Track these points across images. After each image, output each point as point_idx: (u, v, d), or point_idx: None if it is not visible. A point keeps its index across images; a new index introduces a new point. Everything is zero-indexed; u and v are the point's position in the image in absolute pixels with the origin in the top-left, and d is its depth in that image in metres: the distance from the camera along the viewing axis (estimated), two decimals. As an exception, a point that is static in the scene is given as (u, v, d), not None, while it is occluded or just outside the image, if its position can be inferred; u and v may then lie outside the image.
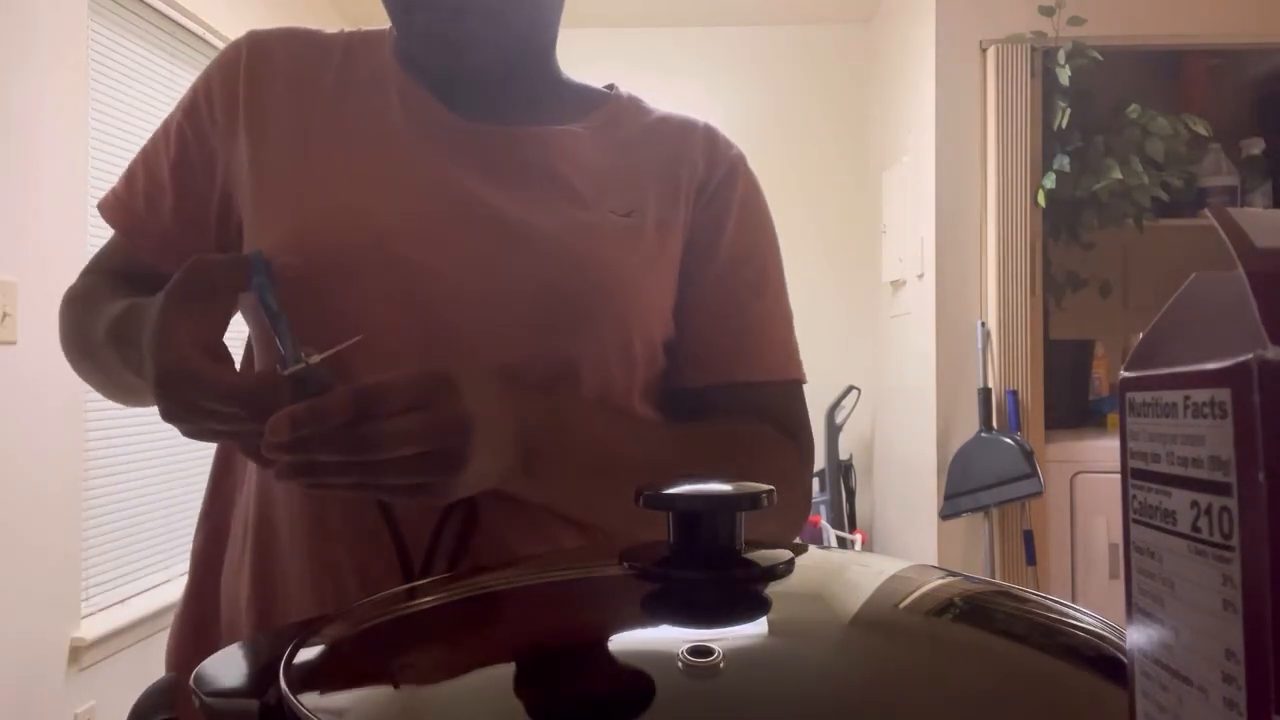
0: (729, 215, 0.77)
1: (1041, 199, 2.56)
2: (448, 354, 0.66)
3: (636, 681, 0.33)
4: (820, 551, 0.50)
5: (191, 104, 0.76)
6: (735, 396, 0.75)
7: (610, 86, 0.82)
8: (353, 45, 0.76)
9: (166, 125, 0.77)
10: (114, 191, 0.78)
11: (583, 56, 3.52)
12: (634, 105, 0.80)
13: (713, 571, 0.41)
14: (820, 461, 3.39)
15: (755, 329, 0.76)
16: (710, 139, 0.79)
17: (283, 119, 0.72)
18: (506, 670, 0.35)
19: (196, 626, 0.75)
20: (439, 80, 0.73)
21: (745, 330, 0.76)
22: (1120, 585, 0.25)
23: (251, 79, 0.73)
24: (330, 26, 0.78)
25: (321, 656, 0.37)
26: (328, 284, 0.66)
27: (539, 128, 0.74)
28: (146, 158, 0.77)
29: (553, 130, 0.74)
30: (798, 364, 0.79)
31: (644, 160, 0.76)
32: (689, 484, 0.43)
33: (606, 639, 0.38)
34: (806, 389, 0.79)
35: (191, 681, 0.36)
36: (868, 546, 3.43)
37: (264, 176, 0.71)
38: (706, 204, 0.76)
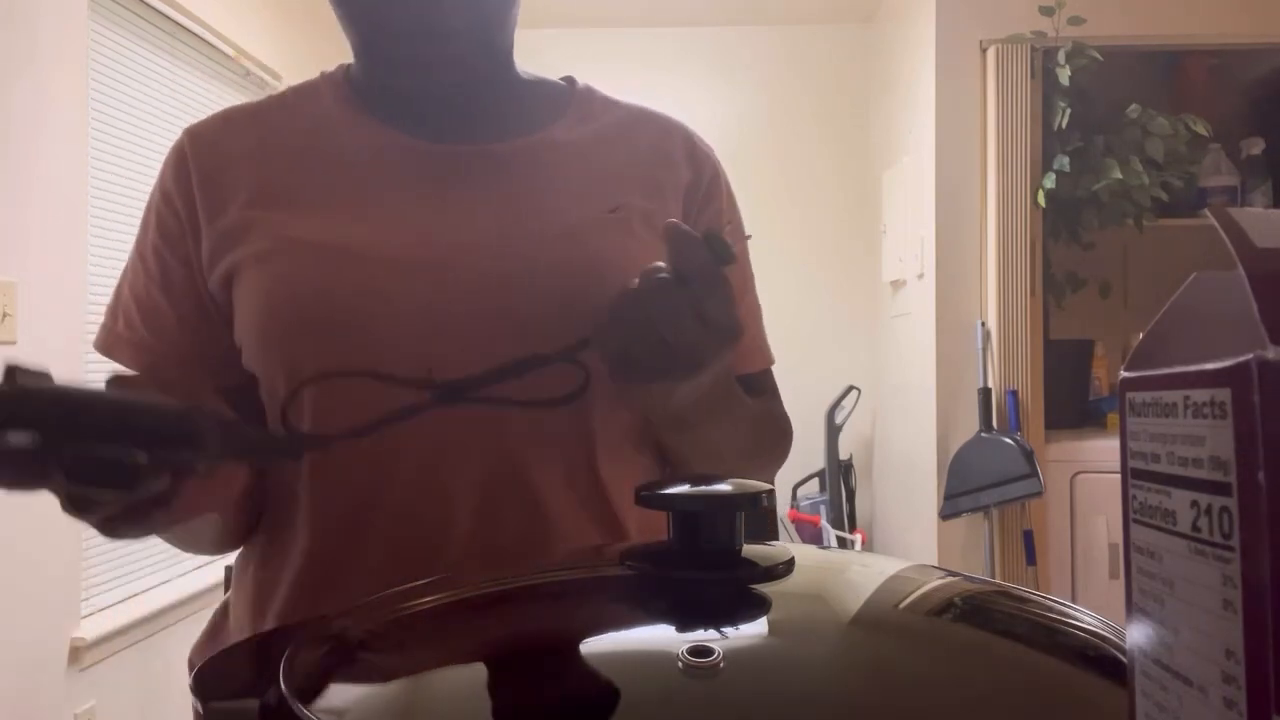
0: (720, 220, 0.79)
1: (1041, 199, 2.56)
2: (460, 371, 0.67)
3: (636, 682, 0.33)
4: (820, 551, 0.50)
5: (157, 219, 0.74)
6: None
7: (568, 79, 0.82)
8: (287, 103, 0.77)
9: (141, 252, 0.75)
10: (114, 333, 0.75)
11: (582, 57, 3.52)
12: (601, 99, 0.81)
13: (713, 571, 0.41)
14: (820, 461, 3.38)
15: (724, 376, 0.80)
16: (689, 140, 0.81)
17: (243, 191, 0.71)
18: (506, 670, 0.35)
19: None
20: (401, 106, 0.73)
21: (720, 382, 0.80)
22: (1120, 585, 0.25)
23: (202, 166, 0.72)
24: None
25: (321, 657, 0.37)
26: (329, 329, 0.66)
27: (510, 143, 0.74)
28: (135, 292, 0.75)
29: (525, 142, 0.74)
30: (770, 351, 0.86)
31: (622, 155, 0.77)
32: (688, 484, 0.43)
33: (607, 639, 0.38)
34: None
35: (191, 682, 0.36)
36: (868, 546, 3.43)
37: (238, 241, 0.70)
38: (700, 209, 0.78)
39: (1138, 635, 0.23)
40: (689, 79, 3.74)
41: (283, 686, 0.33)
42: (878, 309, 3.56)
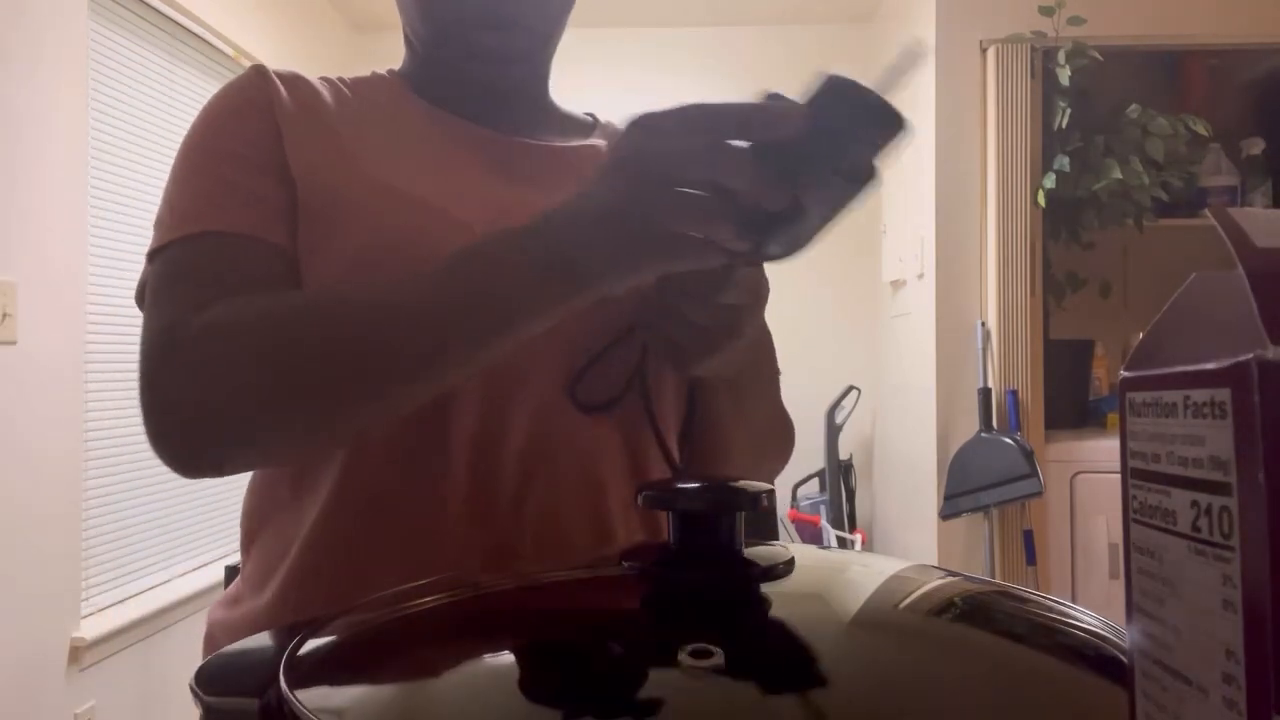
0: None
1: (1041, 199, 2.56)
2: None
3: (637, 682, 0.33)
4: (820, 551, 0.50)
5: (236, 116, 0.70)
6: None
7: (590, 115, 0.88)
8: (348, 84, 0.78)
9: (232, 155, 0.69)
10: (193, 212, 0.67)
11: (582, 57, 3.51)
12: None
13: (713, 571, 0.41)
14: (820, 461, 3.38)
15: (764, 337, 0.83)
16: None
17: (321, 133, 0.70)
18: (506, 670, 0.35)
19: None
20: (462, 101, 0.76)
21: (760, 340, 0.81)
22: (1120, 585, 0.25)
23: (281, 98, 0.71)
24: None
25: (322, 656, 0.37)
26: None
27: (567, 142, 0.79)
28: (221, 165, 0.68)
29: (579, 145, 0.80)
30: (777, 362, 0.89)
31: None
32: (688, 484, 0.43)
33: (607, 639, 0.38)
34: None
35: (192, 680, 0.36)
36: (868, 546, 3.43)
37: (333, 181, 0.68)
38: None
39: (1138, 635, 0.23)
40: (689, 79, 3.73)
41: (283, 685, 0.33)
42: (878, 309, 3.56)
